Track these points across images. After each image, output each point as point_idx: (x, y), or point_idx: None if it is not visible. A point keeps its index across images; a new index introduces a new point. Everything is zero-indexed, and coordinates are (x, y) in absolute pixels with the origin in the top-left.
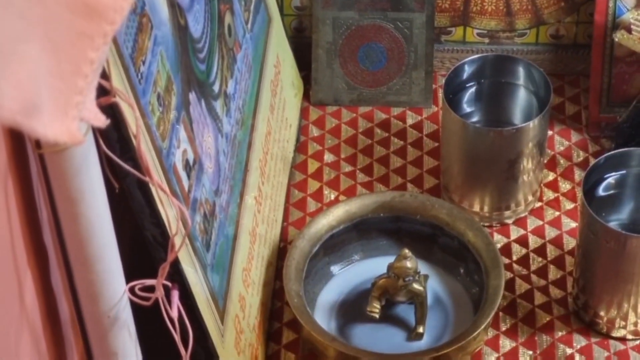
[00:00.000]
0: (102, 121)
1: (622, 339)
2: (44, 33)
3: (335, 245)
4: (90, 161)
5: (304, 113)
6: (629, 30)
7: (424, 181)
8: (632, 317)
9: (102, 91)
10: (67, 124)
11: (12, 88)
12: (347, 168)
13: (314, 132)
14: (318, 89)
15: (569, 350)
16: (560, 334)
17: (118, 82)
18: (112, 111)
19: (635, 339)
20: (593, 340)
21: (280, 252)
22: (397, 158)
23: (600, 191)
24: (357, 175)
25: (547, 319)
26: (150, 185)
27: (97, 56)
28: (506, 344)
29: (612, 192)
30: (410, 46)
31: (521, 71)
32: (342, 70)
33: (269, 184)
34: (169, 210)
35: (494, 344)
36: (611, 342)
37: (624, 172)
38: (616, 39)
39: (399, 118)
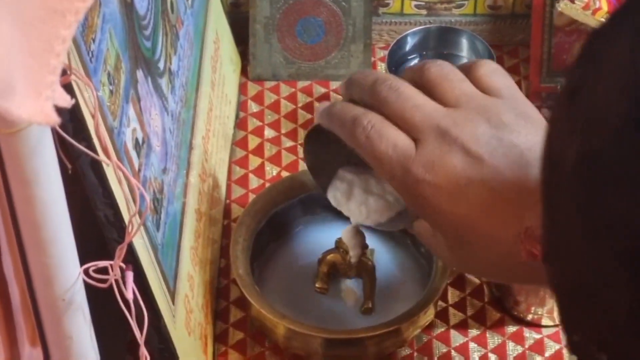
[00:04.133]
0: (67, 101)
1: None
2: (14, 9)
3: (280, 222)
4: (44, 142)
5: (242, 89)
6: (572, 0)
7: None
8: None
9: None
10: (40, 104)
11: None
12: (288, 143)
13: (253, 107)
14: (256, 64)
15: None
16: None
17: (71, 60)
18: (66, 90)
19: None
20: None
21: (224, 230)
22: None
23: None
24: (298, 150)
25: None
26: (104, 165)
27: (68, 34)
28: (456, 317)
29: None
30: (349, 19)
31: (464, 42)
32: (280, 44)
33: (211, 161)
34: (121, 190)
35: (443, 317)
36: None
37: None
38: (559, 9)
39: (339, 92)
